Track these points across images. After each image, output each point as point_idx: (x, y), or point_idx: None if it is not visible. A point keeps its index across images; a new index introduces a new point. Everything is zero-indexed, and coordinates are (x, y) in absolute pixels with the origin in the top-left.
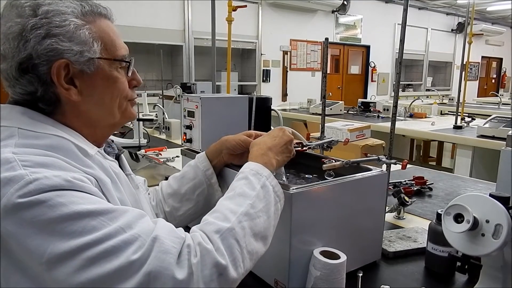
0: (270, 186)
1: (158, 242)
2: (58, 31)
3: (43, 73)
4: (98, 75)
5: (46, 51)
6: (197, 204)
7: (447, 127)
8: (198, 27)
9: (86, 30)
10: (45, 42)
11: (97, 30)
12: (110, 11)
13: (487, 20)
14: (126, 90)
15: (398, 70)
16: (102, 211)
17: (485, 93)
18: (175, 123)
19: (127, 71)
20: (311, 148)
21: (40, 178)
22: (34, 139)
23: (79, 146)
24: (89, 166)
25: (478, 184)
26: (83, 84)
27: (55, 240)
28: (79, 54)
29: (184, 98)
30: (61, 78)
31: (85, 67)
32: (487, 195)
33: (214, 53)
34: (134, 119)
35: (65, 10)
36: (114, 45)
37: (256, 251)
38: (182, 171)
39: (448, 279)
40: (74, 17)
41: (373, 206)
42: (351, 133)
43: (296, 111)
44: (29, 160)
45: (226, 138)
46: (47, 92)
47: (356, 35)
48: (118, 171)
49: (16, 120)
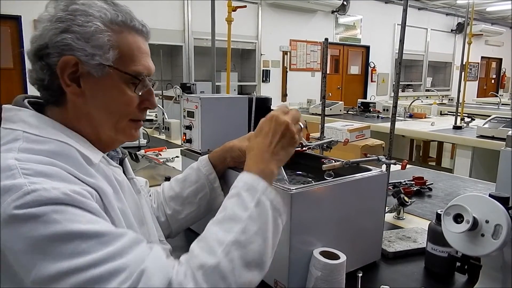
0: (267, 202)
1: (145, 276)
2: (77, 29)
3: (53, 63)
4: (104, 82)
5: (60, 44)
6: (199, 207)
7: (446, 127)
8: (197, 27)
9: (105, 36)
10: (62, 35)
11: (119, 40)
12: (147, 30)
13: (487, 21)
14: (131, 108)
15: (398, 70)
16: (95, 233)
17: (484, 94)
18: (174, 124)
19: (139, 89)
20: (310, 148)
21: (39, 189)
22: (38, 144)
23: (83, 153)
24: (91, 175)
25: (477, 184)
26: (87, 86)
27: (44, 260)
28: (90, 56)
29: (184, 99)
30: (65, 72)
31: (93, 70)
32: (487, 195)
33: (213, 54)
34: (132, 141)
35: (93, 13)
36: (132, 60)
37: (250, 281)
38: (184, 173)
39: (447, 279)
40: (100, 22)
41: (372, 207)
42: (351, 133)
43: None
44: (30, 169)
45: (231, 146)
46: (53, 83)
47: (356, 36)
48: (121, 178)
49: (22, 123)
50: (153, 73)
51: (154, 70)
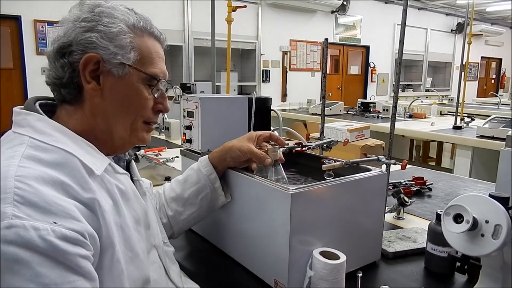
0: None
1: None
2: (102, 29)
3: (75, 61)
4: (124, 81)
5: (84, 42)
6: (201, 208)
7: (446, 127)
8: (197, 27)
9: (128, 38)
10: (87, 34)
11: (140, 43)
12: (164, 38)
13: (487, 21)
14: (146, 109)
15: (398, 70)
16: None
17: (484, 94)
18: (174, 124)
19: (155, 91)
20: (310, 148)
21: (19, 226)
22: (42, 152)
23: (85, 164)
24: (89, 189)
25: (477, 184)
26: (107, 84)
27: None
28: (112, 55)
29: (184, 99)
30: (87, 69)
31: (114, 69)
32: (487, 195)
33: (213, 54)
34: (145, 144)
35: (118, 16)
36: (151, 62)
37: None
38: (184, 174)
39: (447, 280)
40: (123, 24)
41: (372, 207)
42: (351, 133)
43: (296, 112)
44: (23, 196)
45: (230, 146)
46: (72, 80)
47: (356, 36)
48: (125, 187)
49: (29, 128)
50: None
51: (168, 76)
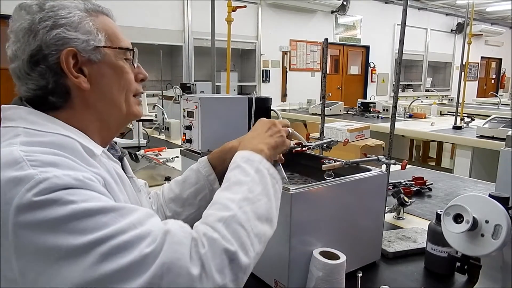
0: (264, 170)
1: (170, 235)
2: (64, 22)
3: (53, 63)
4: (105, 63)
5: (54, 41)
6: (200, 209)
7: (446, 127)
8: (197, 28)
9: (90, 21)
10: (53, 32)
11: (100, 23)
12: (111, 12)
13: (487, 21)
14: (132, 82)
15: (398, 70)
16: (112, 208)
17: (484, 94)
18: (174, 124)
19: (132, 63)
20: (310, 148)
21: (50, 177)
22: (39, 137)
23: (84, 145)
24: (94, 166)
25: (477, 184)
26: (92, 72)
27: (68, 238)
28: (85, 43)
29: (184, 99)
30: (70, 66)
31: (92, 55)
32: (487, 195)
33: (213, 54)
34: (140, 117)
35: (69, 5)
36: (118, 38)
37: (264, 233)
38: (183, 175)
39: (447, 280)
40: (78, 11)
41: (372, 207)
42: (351, 133)
43: (296, 112)
44: (37, 160)
45: (230, 147)
46: (58, 83)
47: (356, 36)
48: (121, 173)
49: (21, 120)
50: None
51: None
